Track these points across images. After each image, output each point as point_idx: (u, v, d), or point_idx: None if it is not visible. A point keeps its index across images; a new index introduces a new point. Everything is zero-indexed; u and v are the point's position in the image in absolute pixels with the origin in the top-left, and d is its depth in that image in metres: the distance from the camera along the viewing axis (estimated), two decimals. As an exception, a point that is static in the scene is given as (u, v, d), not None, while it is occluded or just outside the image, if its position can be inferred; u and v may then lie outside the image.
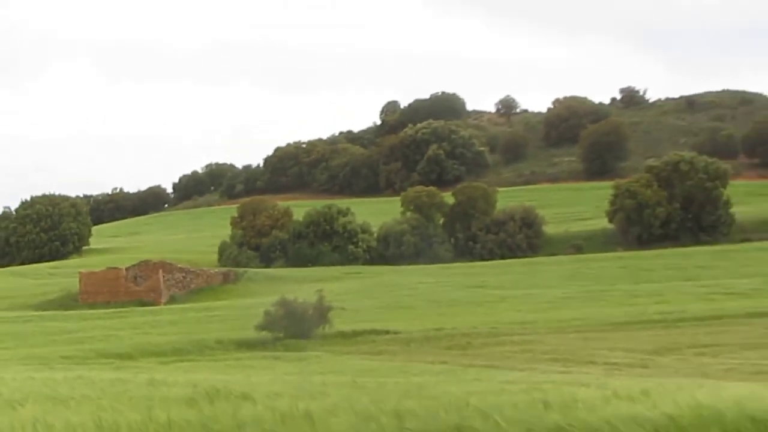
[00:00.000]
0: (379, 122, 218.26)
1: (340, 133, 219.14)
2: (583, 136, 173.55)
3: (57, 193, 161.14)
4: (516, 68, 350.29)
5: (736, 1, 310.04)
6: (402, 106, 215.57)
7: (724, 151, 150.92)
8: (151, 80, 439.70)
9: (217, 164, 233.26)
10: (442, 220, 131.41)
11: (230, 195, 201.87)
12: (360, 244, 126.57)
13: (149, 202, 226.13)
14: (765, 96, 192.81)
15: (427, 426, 10.44)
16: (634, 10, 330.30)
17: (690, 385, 15.78)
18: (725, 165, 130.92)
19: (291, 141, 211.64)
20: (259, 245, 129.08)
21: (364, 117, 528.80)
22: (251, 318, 58.85)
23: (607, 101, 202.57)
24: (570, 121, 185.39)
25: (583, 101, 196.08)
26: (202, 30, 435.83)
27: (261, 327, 56.42)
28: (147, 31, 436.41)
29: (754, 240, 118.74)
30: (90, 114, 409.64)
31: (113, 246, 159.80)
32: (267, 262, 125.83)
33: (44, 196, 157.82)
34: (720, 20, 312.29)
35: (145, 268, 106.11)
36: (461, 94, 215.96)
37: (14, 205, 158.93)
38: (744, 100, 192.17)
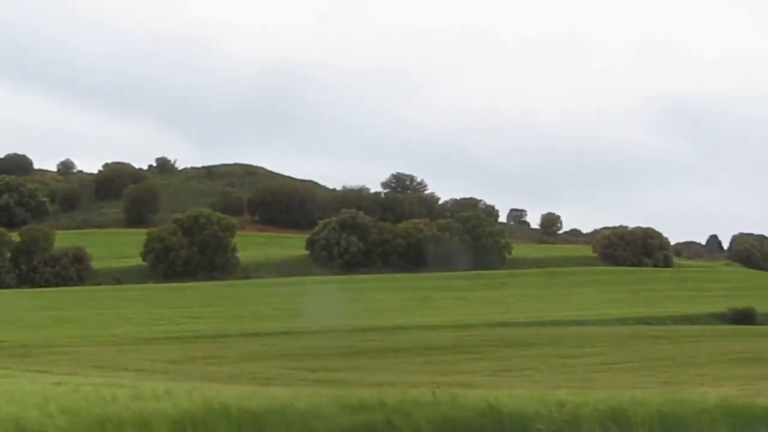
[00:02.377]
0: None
1: None
2: (125, 192, 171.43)
3: None
4: (74, 136, 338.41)
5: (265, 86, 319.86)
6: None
7: (233, 209, 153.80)
8: None
9: None
10: (9, 255, 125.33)
11: None
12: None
13: None
14: (265, 168, 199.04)
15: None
16: (167, 94, 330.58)
17: (201, 387, 15.93)
18: (234, 220, 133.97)
19: None
20: None
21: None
22: None
23: (145, 167, 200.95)
24: (116, 181, 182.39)
25: (126, 165, 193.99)
26: None
27: None
28: None
29: (253, 278, 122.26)
30: None
31: None
32: None
33: None
34: (234, 104, 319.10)
35: None
36: (30, 155, 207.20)
37: None
38: (249, 171, 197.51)
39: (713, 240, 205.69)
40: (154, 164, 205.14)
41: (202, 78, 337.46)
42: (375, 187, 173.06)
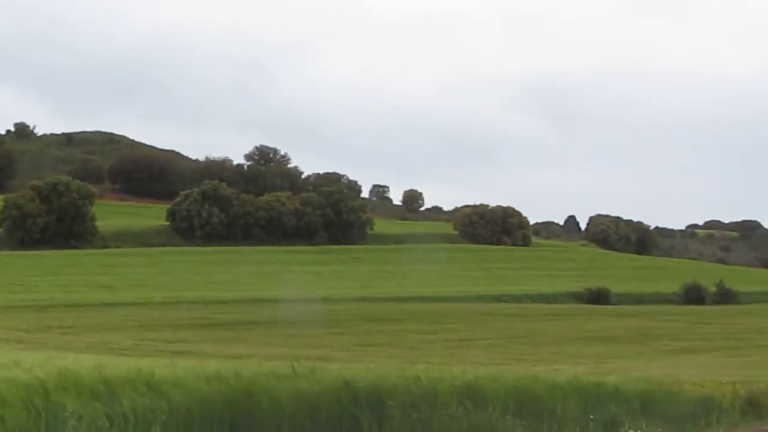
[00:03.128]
0: None
1: None
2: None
3: None
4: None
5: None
6: None
7: (93, 177, 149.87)
8: None
9: None
10: None
11: None
12: None
13: None
14: (127, 137, 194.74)
15: None
16: (27, 59, 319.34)
17: (56, 357, 15.56)
18: (93, 188, 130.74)
19: None
20: None
21: None
22: None
23: (3, 132, 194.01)
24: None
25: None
26: None
27: None
28: None
29: (112, 247, 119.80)
30: None
31: None
32: None
33: None
34: (96, 71, 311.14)
35: None
36: None
37: None
38: (111, 139, 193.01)
39: (571, 221, 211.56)
40: (12, 129, 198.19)
41: (65, 44, 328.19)
42: (238, 159, 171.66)
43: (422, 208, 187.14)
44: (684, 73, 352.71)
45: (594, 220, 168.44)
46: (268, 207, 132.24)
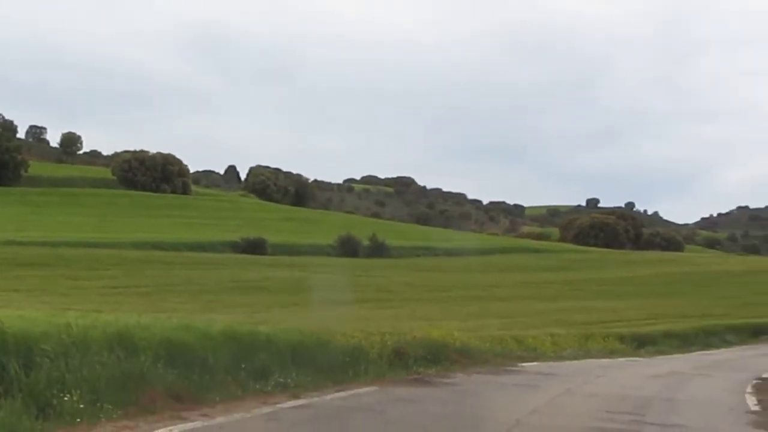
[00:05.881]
0: None
1: None
2: None
3: None
4: None
5: None
6: None
7: None
8: None
9: None
10: None
11: None
12: None
13: None
14: None
15: None
16: None
17: None
18: None
19: None
20: None
21: None
22: None
23: None
24: None
25: None
26: None
27: None
28: None
29: None
30: None
31: None
32: None
33: None
34: None
35: None
36: None
37: None
38: None
39: (231, 170, 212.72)
40: None
41: None
42: None
43: (81, 152, 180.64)
44: (340, 34, 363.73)
45: (254, 171, 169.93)
46: None
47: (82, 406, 11.92)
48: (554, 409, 17.33)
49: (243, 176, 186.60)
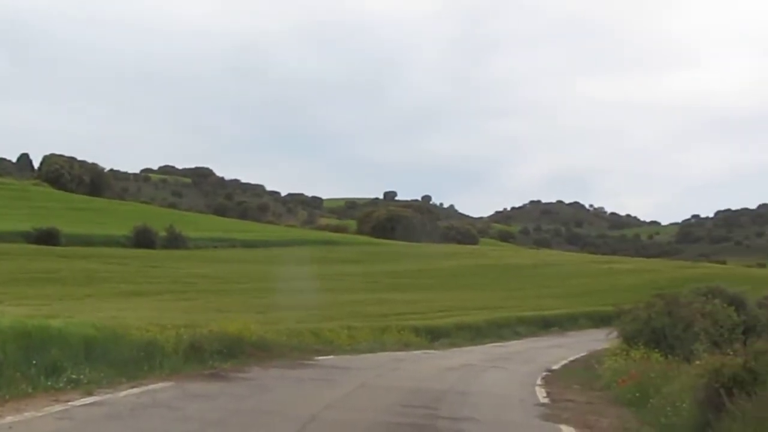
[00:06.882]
0: None
1: None
2: None
3: None
4: None
5: None
6: None
7: None
8: None
9: None
10: None
11: None
12: None
13: None
14: None
15: None
16: None
17: None
18: None
19: None
20: None
21: None
22: None
23: None
24: None
25: None
26: None
27: None
28: None
29: None
30: None
31: None
32: None
33: None
34: None
35: None
36: None
37: None
38: None
39: (24, 158, 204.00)
40: None
41: None
42: None
43: None
44: (137, 19, 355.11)
45: (48, 159, 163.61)
46: None
47: None
48: (349, 403, 17.65)
49: (36, 164, 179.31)
